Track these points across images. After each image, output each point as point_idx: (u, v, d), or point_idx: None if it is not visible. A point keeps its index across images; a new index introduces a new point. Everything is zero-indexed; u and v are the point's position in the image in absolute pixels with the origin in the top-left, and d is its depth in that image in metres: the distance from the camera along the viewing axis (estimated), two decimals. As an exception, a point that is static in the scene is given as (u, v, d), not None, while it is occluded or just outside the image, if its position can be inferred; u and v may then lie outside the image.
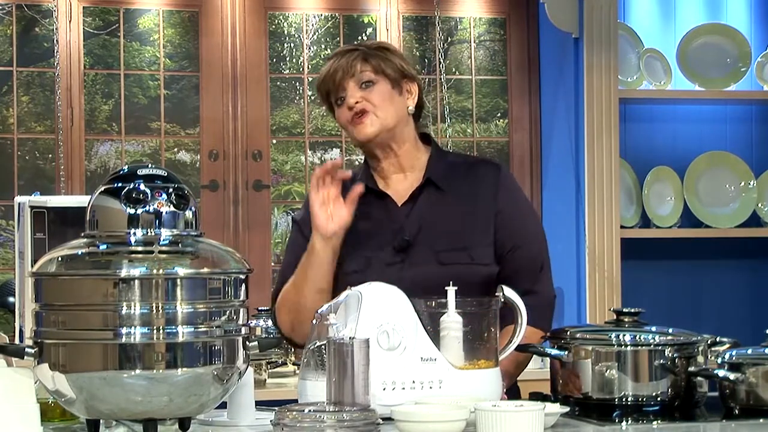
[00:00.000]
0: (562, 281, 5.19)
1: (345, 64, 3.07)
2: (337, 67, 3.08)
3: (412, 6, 5.38)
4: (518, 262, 3.10)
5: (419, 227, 3.07)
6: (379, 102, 3.07)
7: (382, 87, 3.08)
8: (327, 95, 3.12)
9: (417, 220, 3.08)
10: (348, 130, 3.13)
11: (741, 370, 2.76)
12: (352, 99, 3.06)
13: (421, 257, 3.03)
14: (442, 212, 3.09)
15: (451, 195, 3.11)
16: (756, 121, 5.59)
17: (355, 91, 3.07)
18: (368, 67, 3.08)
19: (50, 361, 2.31)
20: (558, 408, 2.63)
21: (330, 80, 3.09)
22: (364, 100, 3.06)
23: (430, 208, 3.10)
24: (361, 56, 3.08)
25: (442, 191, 3.11)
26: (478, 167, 3.18)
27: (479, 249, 3.07)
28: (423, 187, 3.12)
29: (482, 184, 3.13)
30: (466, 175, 3.15)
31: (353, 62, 3.07)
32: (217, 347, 2.34)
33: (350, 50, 3.11)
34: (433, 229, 3.07)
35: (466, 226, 3.09)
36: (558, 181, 5.36)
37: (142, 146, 5.15)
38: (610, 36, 5.16)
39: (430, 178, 3.11)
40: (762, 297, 5.53)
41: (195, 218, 2.40)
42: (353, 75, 3.06)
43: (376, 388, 2.61)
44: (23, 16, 5.03)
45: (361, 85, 3.07)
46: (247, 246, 5.15)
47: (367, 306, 2.68)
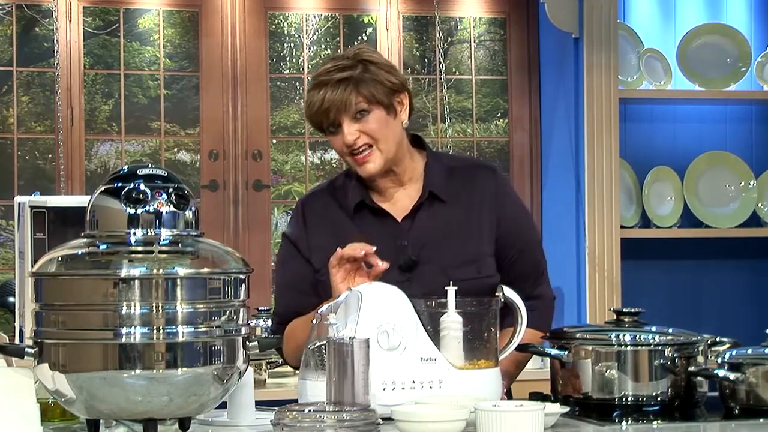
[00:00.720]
0: (562, 281, 5.19)
1: (338, 100, 2.95)
2: (330, 104, 2.95)
3: (412, 6, 5.38)
4: (521, 267, 3.09)
5: (423, 243, 3.01)
6: (378, 133, 2.98)
7: (377, 115, 2.98)
8: (319, 125, 3.02)
9: (420, 235, 3.02)
10: (347, 160, 3.03)
11: (741, 370, 2.76)
12: (350, 137, 2.96)
13: (429, 275, 2.97)
14: (445, 225, 3.04)
15: (452, 205, 3.06)
16: (756, 121, 5.59)
17: (351, 125, 2.97)
18: (361, 98, 2.96)
19: (50, 361, 2.31)
20: (558, 408, 2.63)
21: (323, 115, 2.97)
22: (362, 134, 2.97)
23: (432, 222, 3.04)
24: (353, 88, 2.96)
25: (443, 202, 3.06)
26: (477, 173, 3.12)
27: (485, 260, 3.05)
28: (423, 200, 3.05)
29: (482, 191, 3.08)
30: (464, 181, 3.09)
31: (348, 98, 2.95)
32: (217, 347, 2.34)
33: (341, 81, 2.96)
34: (438, 244, 3.02)
35: (470, 238, 3.05)
36: (558, 181, 5.36)
37: (142, 146, 5.15)
38: (610, 36, 5.15)
39: (432, 191, 3.05)
40: (762, 297, 5.53)
41: (195, 218, 2.40)
42: (347, 110, 2.96)
43: (376, 388, 2.61)
44: (23, 16, 5.03)
45: (355, 116, 2.97)
46: (247, 246, 5.15)
47: (367, 306, 2.68)
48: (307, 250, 3.07)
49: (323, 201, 3.09)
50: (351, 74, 2.97)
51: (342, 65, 3.00)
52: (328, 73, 2.99)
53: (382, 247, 2.95)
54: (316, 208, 3.10)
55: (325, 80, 2.98)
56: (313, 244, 3.06)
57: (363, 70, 2.99)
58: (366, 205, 3.05)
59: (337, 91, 2.96)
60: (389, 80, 3.01)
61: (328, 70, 3.00)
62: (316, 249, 3.05)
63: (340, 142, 2.99)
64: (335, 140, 3.01)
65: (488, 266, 3.05)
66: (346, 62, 3.01)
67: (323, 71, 3.01)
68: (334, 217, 3.08)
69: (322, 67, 3.03)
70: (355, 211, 3.06)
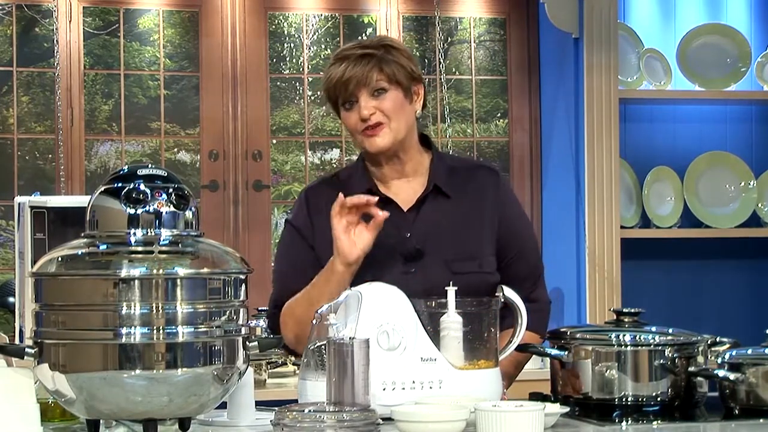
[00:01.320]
0: (562, 281, 5.19)
1: (360, 74, 2.99)
2: (351, 76, 2.99)
3: (412, 6, 5.38)
4: (519, 269, 3.11)
5: (427, 234, 3.04)
6: (392, 112, 3.02)
7: (394, 95, 3.02)
8: (335, 99, 3.06)
9: (424, 227, 3.05)
10: (356, 137, 3.07)
11: (741, 370, 2.76)
12: (366, 110, 3.00)
13: (432, 266, 3.00)
14: (448, 219, 3.07)
15: (456, 201, 3.09)
16: (756, 121, 5.59)
17: (368, 100, 3.01)
18: (383, 76, 3.01)
19: (50, 361, 2.31)
20: (558, 408, 2.63)
21: (342, 87, 3.01)
22: (378, 111, 3.00)
23: (436, 215, 3.07)
24: (375, 65, 3.00)
25: (448, 197, 3.08)
26: (478, 173, 3.15)
27: (486, 258, 3.07)
28: (428, 192, 3.08)
29: (484, 191, 3.12)
30: (468, 180, 3.12)
31: (369, 73, 3.00)
32: (217, 347, 2.34)
33: (364, 56, 3.01)
34: (441, 237, 3.04)
35: (473, 234, 3.07)
36: (558, 181, 5.36)
37: (142, 146, 5.15)
38: (610, 36, 5.15)
39: (437, 184, 3.08)
40: (762, 297, 5.53)
41: (195, 218, 2.40)
42: (367, 84, 3.00)
43: (376, 388, 2.61)
44: (23, 16, 5.03)
45: (373, 92, 3.01)
46: (247, 246, 5.15)
47: (367, 306, 2.68)
48: (311, 237, 3.08)
49: (328, 191, 3.10)
50: (374, 52, 3.02)
51: (366, 44, 3.06)
52: (351, 48, 3.05)
53: (387, 236, 2.98)
54: (320, 197, 3.11)
55: (347, 54, 3.03)
56: (318, 231, 3.07)
57: (386, 52, 3.04)
58: (372, 194, 3.05)
59: (359, 65, 3.00)
60: (410, 66, 3.06)
61: (351, 47, 3.06)
62: (320, 237, 3.06)
63: (354, 118, 3.02)
64: (349, 116, 3.04)
65: (489, 263, 3.07)
66: (370, 43, 3.06)
67: (347, 47, 3.07)
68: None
69: (347, 44, 3.10)
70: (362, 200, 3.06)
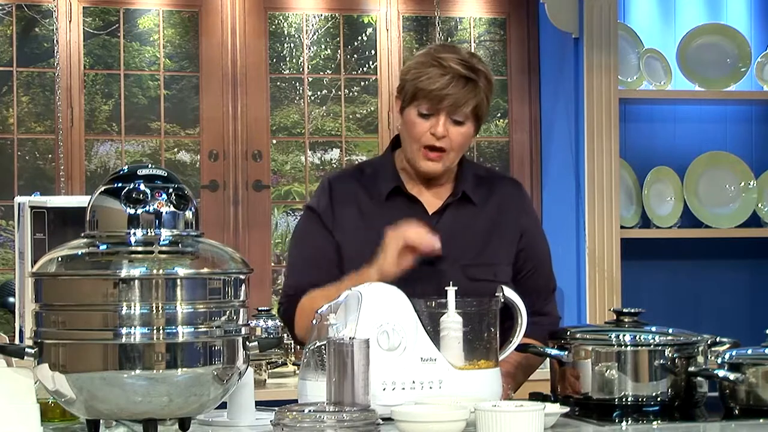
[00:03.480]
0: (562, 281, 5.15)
1: (457, 98, 2.94)
2: (450, 95, 2.94)
3: (412, 6, 5.38)
4: (535, 282, 3.12)
5: (447, 238, 3.01)
6: (459, 145, 3.00)
7: (468, 130, 3.00)
8: (413, 96, 2.99)
9: (446, 230, 3.03)
10: (412, 145, 3.02)
11: (741, 371, 2.76)
12: (441, 128, 2.97)
13: (449, 271, 2.97)
14: (470, 225, 3.07)
15: (480, 209, 3.09)
16: (756, 121, 5.59)
17: (447, 123, 2.97)
18: (471, 108, 2.96)
19: (50, 361, 2.31)
20: (558, 408, 2.63)
21: (435, 98, 2.95)
22: (449, 137, 2.97)
23: (459, 220, 3.07)
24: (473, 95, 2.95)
25: (473, 204, 3.08)
26: (503, 184, 3.16)
27: (502, 267, 3.08)
28: (455, 199, 3.07)
29: (508, 202, 3.12)
30: (493, 190, 3.12)
31: (466, 101, 2.95)
32: (217, 347, 2.34)
33: (468, 80, 2.95)
34: (461, 242, 3.04)
35: (492, 243, 3.07)
36: (558, 182, 5.36)
37: (142, 146, 5.15)
38: (610, 36, 5.15)
39: (465, 192, 3.07)
40: (762, 297, 5.53)
41: (195, 218, 2.40)
42: (457, 111, 2.96)
43: (376, 388, 2.61)
44: (23, 16, 5.03)
45: (455, 118, 2.98)
46: (247, 246, 5.15)
47: (367, 306, 2.68)
48: (332, 224, 3.06)
49: (352, 183, 3.09)
50: (476, 79, 2.97)
51: (469, 64, 2.98)
52: (457, 63, 2.97)
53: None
54: (345, 187, 3.10)
55: (452, 67, 2.96)
56: (339, 220, 3.06)
57: (480, 80, 2.99)
58: (401, 193, 3.06)
59: (460, 86, 2.96)
60: (489, 102, 3.04)
61: (457, 60, 2.97)
62: (340, 226, 3.05)
63: (425, 128, 2.98)
64: (421, 124, 2.99)
65: (504, 273, 3.07)
66: (472, 62, 2.99)
67: (451, 59, 2.97)
68: (362, 201, 3.07)
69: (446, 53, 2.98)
70: (387, 198, 3.06)
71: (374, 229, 2.98)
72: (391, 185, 3.07)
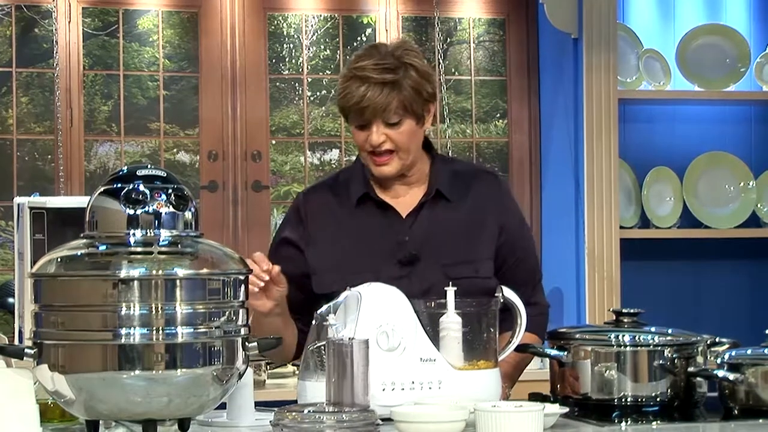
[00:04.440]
0: (561, 282, 5.19)
1: (377, 104, 2.94)
2: (368, 105, 2.94)
3: (411, 6, 5.38)
4: (519, 274, 3.10)
5: (424, 239, 3.02)
6: (403, 143, 2.99)
7: (407, 126, 2.98)
8: (347, 116, 3.02)
9: (422, 231, 3.03)
10: (363, 156, 3.04)
11: (740, 371, 2.76)
12: (377, 139, 2.97)
13: (428, 271, 2.99)
14: (447, 224, 3.06)
15: (456, 206, 3.07)
16: (755, 121, 5.59)
17: (380, 128, 2.97)
18: (399, 106, 2.95)
19: (49, 361, 2.31)
20: (557, 408, 2.63)
21: (357, 111, 2.97)
22: (389, 140, 2.97)
23: (435, 220, 3.06)
24: (394, 95, 2.94)
25: (449, 202, 3.07)
26: (481, 177, 3.14)
27: (483, 263, 3.06)
28: (429, 198, 3.07)
29: (486, 196, 3.11)
30: (470, 185, 3.11)
31: (387, 104, 2.94)
32: (217, 348, 2.34)
33: (384, 84, 2.94)
34: (439, 242, 3.03)
35: (471, 239, 3.06)
36: (557, 182, 5.35)
37: (142, 147, 5.15)
38: (609, 36, 5.15)
39: (439, 189, 3.06)
40: (761, 297, 5.52)
41: (194, 219, 2.40)
42: (383, 115, 2.95)
43: (376, 389, 2.61)
44: (22, 16, 5.03)
45: (387, 122, 2.97)
46: (246, 247, 5.14)
47: (367, 307, 2.68)
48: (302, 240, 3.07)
49: (325, 193, 3.12)
50: (394, 78, 2.95)
51: (386, 65, 2.97)
52: (373, 69, 2.96)
53: (384, 240, 3.01)
54: (317, 199, 3.12)
55: (367, 76, 2.95)
56: (311, 233, 3.08)
57: (405, 76, 2.97)
58: (370, 198, 3.06)
59: (377, 92, 2.94)
60: (426, 90, 3.00)
61: (373, 67, 2.96)
62: (313, 238, 3.07)
63: (363, 138, 3.00)
64: (359, 134, 3.01)
65: (486, 268, 3.05)
66: (390, 62, 2.97)
67: (368, 66, 2.96)
68: (334, 210, 3.09)
69: (365, 60, 2.98)
70: (358, 204, 3.07)
71: (346, 236, 3.02)
72: (361, 191, 3.07)
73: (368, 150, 3.01)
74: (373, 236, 3.03)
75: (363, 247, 3.02)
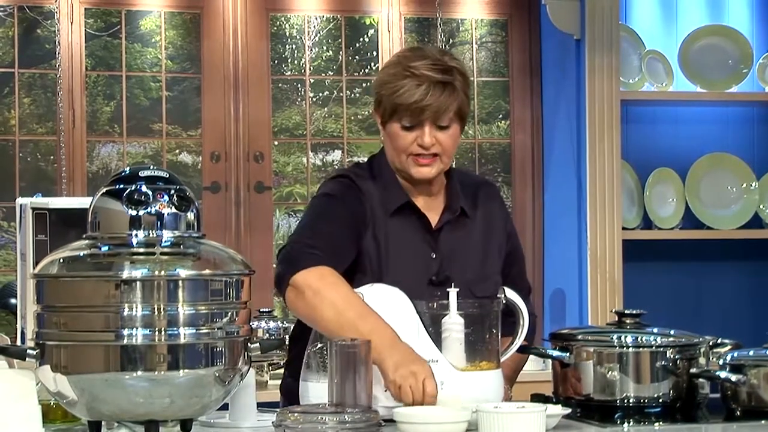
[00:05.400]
0: (564, 283, 5.19)
1: (437, 106, 2.88)
2: (429, 105, 2.88)
3: (413, 8, 5.38)
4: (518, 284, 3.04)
5: (450, 256, 2.98)
6: (449, 147, 2.94)
7: (455, 130, 2.94)
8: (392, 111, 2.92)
9: (447, 248, 2.99)
10: (400, 155, 2.95)
11: (743, 372, 2.76)
12: (428, 138, 2.90)
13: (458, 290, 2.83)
14: (467, 240, 3.02)
15: (472, 221, 3.04)
16: (757, 122, 5.59)
17: (432, 131, 2.91)
18: (454, 111, 2.90)
19: (52, 362, 2.32)
20: (559, 409, 2.63)
21: (414, 110, 2.89)
22: (437, 143, 2.92)
23: (457, 237, 3.02)
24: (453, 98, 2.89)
25: (467, 218, 3.04)
26: (483, 190, 3.12)
27: (497, 277, 3.04)
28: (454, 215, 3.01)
29: (491, 208, 3.09)
30: (476, 198, 3.08)
31: (448, 106, 2.88)
32: (219, 349, 2.34)
33: (445, 84, 2.89)
34: (462, 259, 3.00)
35: (488, 254, 3.04)
36: (559, 183, 5.35)
37: (144, 148, 5.15)
38: (611, 37, 5.15)
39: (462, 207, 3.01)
40: (764, 299, 5.52)
41: (196, 220, 2.40)
42: (440, 117, 2.90)
43: (378, 390, 2.61)
44: (25, 17, 5.03)
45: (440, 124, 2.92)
46: (248, 248, 5.15)
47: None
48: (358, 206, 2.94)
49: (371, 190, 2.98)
50: (451, 80, 2.91)
51: (443, 67, 2.92)
52: (432, 69, 2.90)
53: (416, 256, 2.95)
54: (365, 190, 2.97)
55: (426, 75, 2.90)
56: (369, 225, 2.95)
57: (456, 79, 2.92)
58: (409, 206, 2.99)
59: (438, 93, 2.89)
60: (469, 96, 2.98)
61: (429, 67, 2.90)
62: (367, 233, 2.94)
63: (410, 140, 2.92)
64: (405, 136, 2.93)
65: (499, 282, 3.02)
66: (444, 64, 2.92)
67: (424, 66, 2.90)
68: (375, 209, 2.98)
69: (418, 60, 2.92)
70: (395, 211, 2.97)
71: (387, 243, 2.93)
72: (402, 200, 2.98)
73: (413, 152, 2.93)
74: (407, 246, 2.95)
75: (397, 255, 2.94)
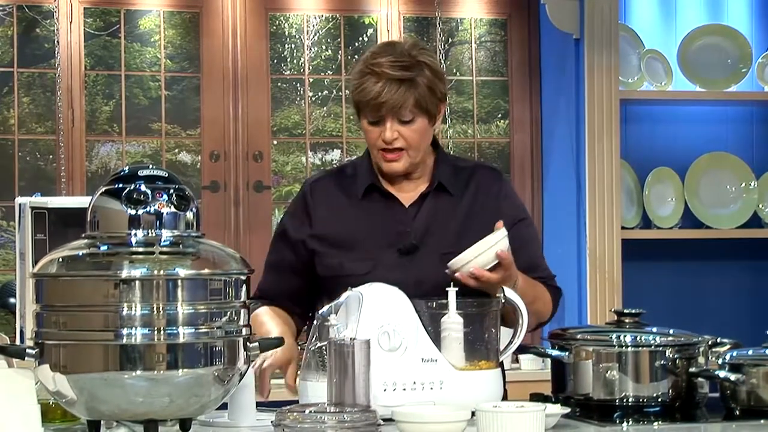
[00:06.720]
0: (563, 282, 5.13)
1: (394, 101, 2.97)
2: (385, 101, 2.97)
3: (412, 7, 5.38)
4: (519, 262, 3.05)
5: (425, 230, 3.05)
6: (415, 141, 3.02)
7: (419, 124, 3.02)
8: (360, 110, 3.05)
9: (423, 222, 3.06)
10: (373, 151, 3.08)
11: (742, 371, 2.76)
12: (389, 134, 3.00)
13: (426, 260, 3.00)
14: (447, 215, 3.08)
15: (458, 198, 3.10)
16: (757, 121, 5.59)
17: (394, 125, 3.00)
18: (413, 105, 2.98)
19: (51, 362, 2.32)
20: (559, 409, 2.63)
21: (373, 107, 3.00)
22: (401, 137, 3.01)
23: (436, 211, 3.08)
24: (411, 93, 2.97)
25: (450, 195, 3.10)
26: (481, 173, 3.17)
27: None
28: (431, 190, 3.10)
29: (485, 189, 3.13)
30: (470, 179, 3.14)
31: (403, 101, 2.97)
32: (218, 348, 2.34)
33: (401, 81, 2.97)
34: (439, 232, 3.06)
35: (470, 230, 3.07)
36: (559, 182, 5.35)
37: (143, 147, 5.15)
38: (611, 37, 5.15)
39: (441, 182, 3.09)
40: (763, 298, 5.52)
41: (196, 219, 2.40)
42: (398, 112, 2.98)
43: (377, 389, 2.61)
44: (24, 17, 5.03)
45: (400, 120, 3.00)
46: (247, 247, 5.15)
47: (368, 307, 2.68)
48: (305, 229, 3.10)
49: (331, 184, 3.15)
50: (411, 76, 2.99)
51: (403, 63, 3.00)
52: (390, 66, 2.99)
53: (386, 230, 3.04)
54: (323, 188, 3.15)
55: (384, 72, 2.99)
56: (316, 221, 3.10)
57: (420, 74, 3.00)
58: (376, 189, 3.09)
59: (394, 89, 2.97)
60: (439, 89, 3.04)
61: (390, 63, 2.99)
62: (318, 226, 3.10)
63: (376, 134, 3.03)
64: (372, 130, 3.04)
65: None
66: (407, 60, 3.01)
67: (385, 62, 2.99)
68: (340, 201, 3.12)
69: (381, 57, 3.01)
70: (364, 195, 3.09)
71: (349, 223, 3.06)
72: (367, 182, 3.10)
73: (380, 146, 3.04)
74: (375, 224, 3.06)
75: (365, 234, 3.05)
